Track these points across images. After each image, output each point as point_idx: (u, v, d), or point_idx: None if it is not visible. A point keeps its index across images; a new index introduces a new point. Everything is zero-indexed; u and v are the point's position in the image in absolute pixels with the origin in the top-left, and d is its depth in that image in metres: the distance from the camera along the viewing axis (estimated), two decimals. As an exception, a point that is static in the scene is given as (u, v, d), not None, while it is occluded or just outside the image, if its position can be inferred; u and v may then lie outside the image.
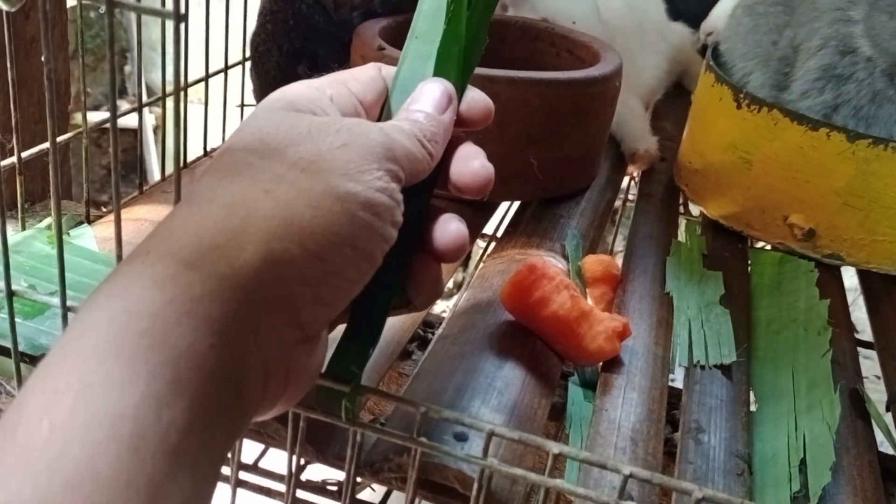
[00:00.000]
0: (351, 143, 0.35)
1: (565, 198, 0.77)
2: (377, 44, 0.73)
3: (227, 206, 0.32)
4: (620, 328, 0.55)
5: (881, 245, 0.70)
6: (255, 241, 0.31)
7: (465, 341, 0.54)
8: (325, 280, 0.33)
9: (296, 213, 0.32)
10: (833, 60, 0.69)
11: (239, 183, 0.34)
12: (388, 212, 0.36)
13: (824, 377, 0.55)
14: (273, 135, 0.36)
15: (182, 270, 0.30)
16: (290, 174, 0.34)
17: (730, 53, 0.79)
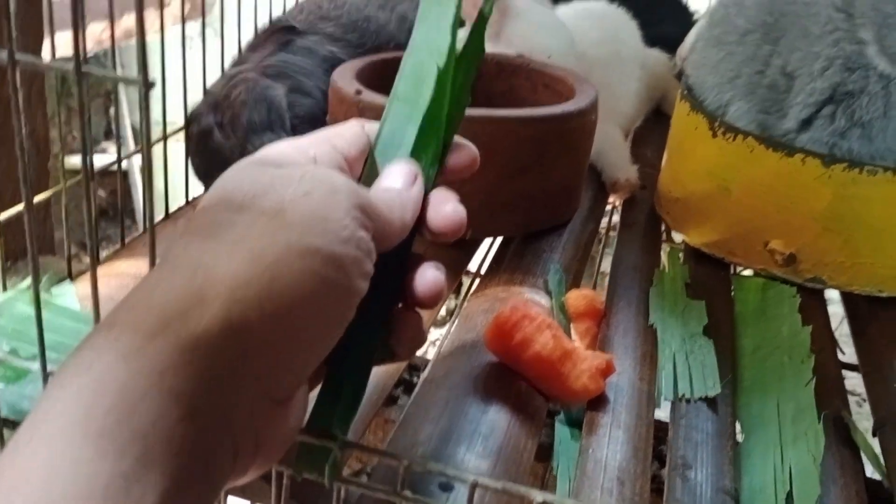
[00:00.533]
0: (313, 190, 0.35)
1: (548, 231, 0.77)
2: (354, 88, 0.73)
3: (190, 272, 0.32)
4: (604, 366, 0.55)
5: (863, 267, 0.71)
6: (214, 309, 0.31)
7: (449, 385, 0.54)
8: (290, 341, 0.33)
9: (254, 274, 0.32)
10: (842, 77, 0.69)
11: (203, 245, 0.34)
12: (354, 264, 0.35)
13: (809, 406, 0.55)
14: (237, 191, 0.35)
15: (146, 342, 0.30)
16: (252, 231, 0.33)
17: (700, 86, 0.80)
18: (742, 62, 0.75)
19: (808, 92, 0.70)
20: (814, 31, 0.70)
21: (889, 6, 0.66)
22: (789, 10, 0.73)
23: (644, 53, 1.15)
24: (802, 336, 0.64)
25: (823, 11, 0.70)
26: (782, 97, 0.73)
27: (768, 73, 0.73)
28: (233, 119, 0.72)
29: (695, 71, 0.81)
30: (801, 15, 0.71)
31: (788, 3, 0.73)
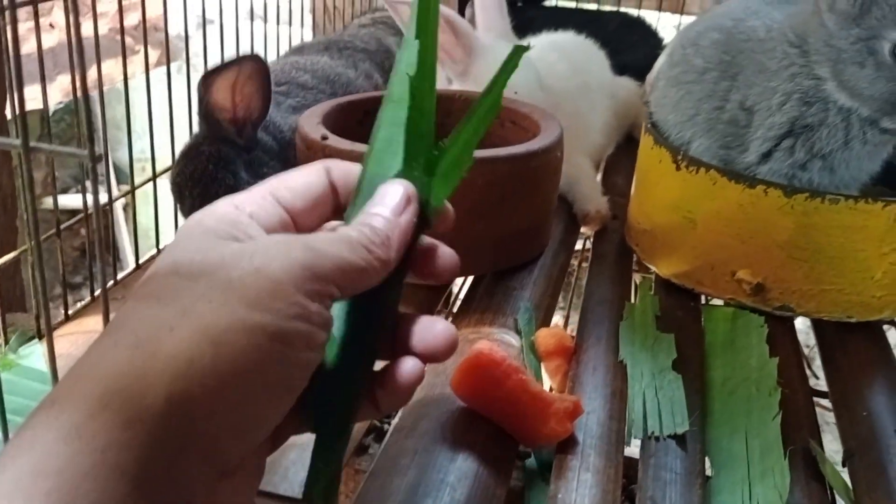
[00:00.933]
0: (264, 267, 0.35)
1: (518, 268, 0.77)
2: (320, 133, 0.74)
3: (132, 347, 0.32)
4: (571, 408, 0.55)
5: (829, 294, 0.71)
6: (158, 384, 0.31)
7: (419, 434, 0.54)
8: (235, 414, 0.33)
9: (199, 351, 0.32)
10: (800, 111, 0.70)
11: (149, 313, 0.34)
12: (302, 339, 0.35)
13: (775, 441, 0.56)
14: (187, 265, 0.35)
15: (87, 420, 0.30)
16: (198, 306, 0.33)
17: (663, 124, 0.81)
18: (701, 100, 0.76)
19: (768, 126, 0.71)
20: (770, 67, 0.71)
21: (841, 42, 0.68)
22: (745, 46, 0.74)
23: (613, 83, 1.16)
24: (769, 368, 0.64)
25: (779, 47, 0.71)
26: (742, 131, 0.74)
27: (727, 109, 0.74)
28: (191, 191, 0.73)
29: (657, 110, 0.82)
30: (757, 51, 0.72)
31: (744, 40, 0.74)
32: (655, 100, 0.83)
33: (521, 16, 1.34)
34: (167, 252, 0.37)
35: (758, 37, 0.73)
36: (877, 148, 0.72)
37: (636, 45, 1.33)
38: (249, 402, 0.33)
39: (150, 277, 0.36)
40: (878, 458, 0.58)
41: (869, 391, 0.66)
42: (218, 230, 0.38)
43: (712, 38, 0.77)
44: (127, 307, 0.35)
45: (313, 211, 0.42)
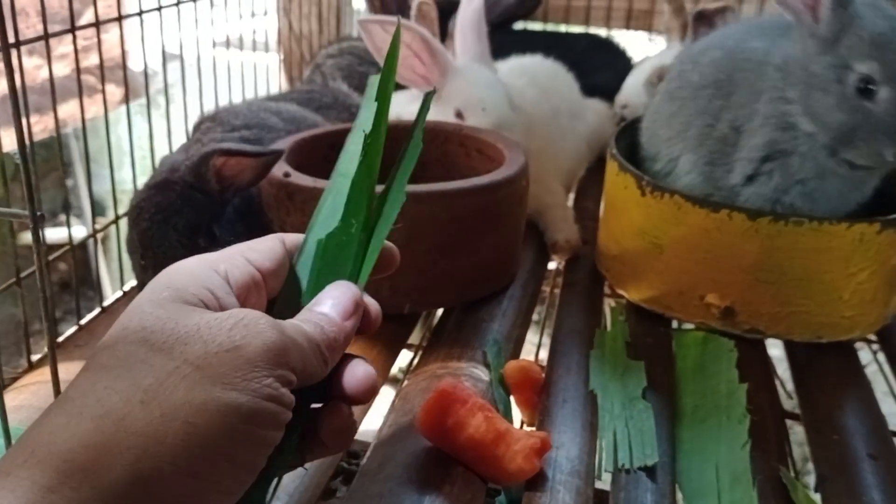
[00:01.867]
0: (242, 345, 0.35)
1: (487, 298, 0.77)
2: (283, 170, 0.73)
3: (97, 419, 0.31)
4: (539, 444, 0.54)
5: (797, 316, 0.71)
6: (124, 462, 0.30)
7: (385, 477, 0.53)
8: (198, 495, 0.32)
9: (170, 428, 0.31)
10: (774, 136, 0.71)
11: (114, 389, 0.33)
12: (272, 419, 0.35)
13: (744, 471, 0.55)
14: (158, 334, 0.34)
15: (44, 495, 0.29)
16: (170, 381, 0.33)
17: (653, 141, 0.81)
18: (693, 115, 0.77)
19: (749, 148, 0.72)
20: (760, 89, 0.72)
21: (815, 67, 0.68)
22: (743, 66, 0.74)
23: (583, 105, 1.16)
24: (739, 394, 0.64)
25: (769, 70, 0.72)
26: (730, 150, 0.74)
27: (718, 127, 0.75)
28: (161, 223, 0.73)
29: (650, 125, 0.82)
30: (753, 72, 0.73)
31: (743, 60, 0.74)
32: (647, 117, 0.83)
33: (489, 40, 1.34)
34: (136, 314, 0.36)
35: (756, 60, 0.73)
36: (857, 177, 0.72)
37: (605, 66, 1.34)
38: (214, 482, 0.33)
39: (116, 342, 0.35)
40: (851, 483, 0.58)
41: (840, 413, 0.66)
42: (186, 294, 0.37)
43: (713, 56, 0.77)
44: (90, 374, 0.34)
45: (278, 273, 0.43)
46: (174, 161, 0.76)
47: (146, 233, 0.73)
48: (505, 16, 1.41)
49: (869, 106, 0.65)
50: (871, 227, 0.68)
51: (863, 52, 0.65)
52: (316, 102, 0.96)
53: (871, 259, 0.69)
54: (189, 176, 0.73)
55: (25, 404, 0.62)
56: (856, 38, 0.66)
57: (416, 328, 0.80)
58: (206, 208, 0.74)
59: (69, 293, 2.44)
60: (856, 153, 0.68)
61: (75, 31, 0.73)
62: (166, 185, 0.74)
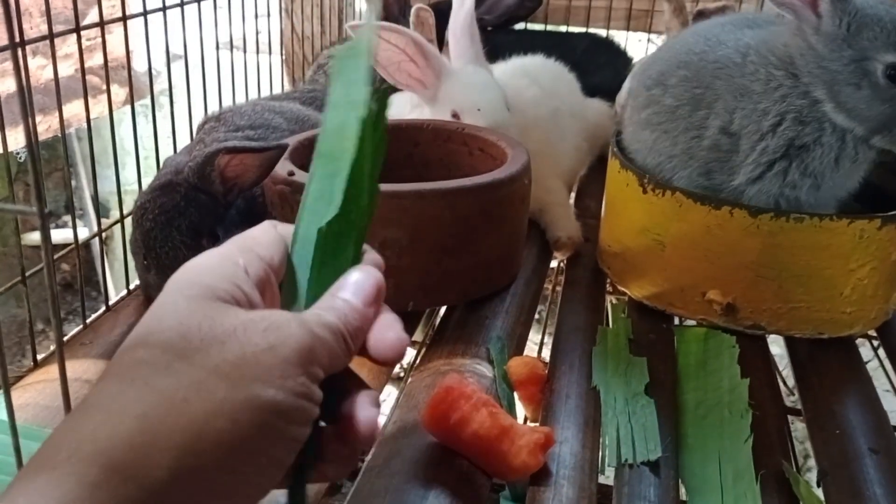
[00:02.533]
0: (277, 345, 0.35)
1: (490, 296, 0.77)
2: (287, 169, 0.74)
3: (139, 419, 0.31)
4: (543, 440, 0.55)
5: (799, 312, 0.72)
6: (168, 458, 0.31)
7: (390, 473, 0.54)
8: (234, 490, 0.33)
9: (212, 426, 0.32)
10: (796, 131, 0.71)
11: (153, 388, 0.33)
12: (304, 415, 0.36)
13: (747, 466, 0.56)
14: (195, 332, 0.35)
15: (91, 492, 0.29)
16: (211, 380, 0.33)
17: (643, 166, 0.80)
18: (677, 136, 0.75)
19: (761, 150, 0.71)
20: (755, 89, 0.71)
21: (834, 64, 0.68)
22: (720, 73, 0.73)
23: (584, 105, 1.17)
24: (741, 389, 0.65)
25: (762, 70, 0.71)
26: (725, 156, 0.73)
27: (707, 136, 0.74)
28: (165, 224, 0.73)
29: (635, 155, 0.81)
30: (736, 76, 0.72)
31: (718, 68, 0.73)
32: (629, 144, 0.82)
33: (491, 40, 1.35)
34: (170, 310, 0.36)
35: (733, 62, 0.73)
36: (860, 165, 0.73)
37: (606, 66, 1.34)
38: (250, 477, 0.34)
39: (144, 344, 0.35)
40: (853, 477, 0.58)
41: (842, 408, 0.66)
42: (217, 290, 0.37)
43: (680, 75, 0.76)
44: (128, 370, 0.34)
45: (282, 268, 0.43)
46: (178, 162, 0.76)
47: (149, 233, 0.73)
48: (506, 16, 1.42)
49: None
50: (871, 224, 0.68)
51: (886, 42, 0.66)
52: (319, 101, 0.97)
53: (871, 255, 0.69)
54: (193, 177, 0.73)
55: (31, 402, 0.63)
56: (876, 30, 0.67)
57: (420, 325, 0.81)
58: (210, 210, 0.74)
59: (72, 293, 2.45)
60: (890, 140, 0.69)
61: (80, 31, 0.73)
62: (170, 186, 0.74)
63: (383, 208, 0.67)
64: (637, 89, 0.82)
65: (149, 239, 0.73)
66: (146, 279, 0.76)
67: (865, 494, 0.56)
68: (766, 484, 0.56)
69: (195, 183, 0.73)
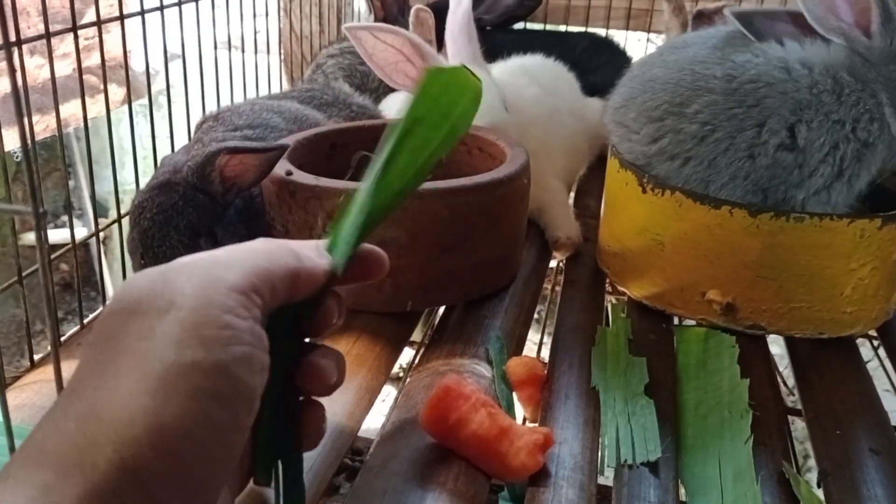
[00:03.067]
0: (191, 290, 0.33)
1: (489, 296, 0.77)
2: (285, 169, 0.74)
3: (80, 419, 0.31)
4: (542, 440, 0.55)
5: (799, 311, 0.71)
6: (108, 453, 0.30)
7: (389, 474, 0.54)
8: (191, 464, 0.32)
9: (140, 407, 0.31)
10: (868, 132, 0.71)
11: (95, 370, 0.33)
12: (243, 365, 0.33)
13: (747, 466, 0.56)
14: (127, 296, 0.34)
15: (43, 493, 0.29)
16: (134, 349, 0.32)
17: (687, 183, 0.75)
18: (715, 159, 0.73)
19: (834, 159, 0.70)
20: (825, 101, 0.70)
21: (893, 74, 0.71)
22: (765, 93, 0.71)
23: (583, 104, 1.17)
24: (741, 389, 0.64)
25: (829, 81, 0.71)
26: (786, 172, 0.71)
27: (764, 153, 0.71)
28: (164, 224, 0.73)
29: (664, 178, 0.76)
30: (791, 91, 0.70)
31: (758, 87, 0.71)
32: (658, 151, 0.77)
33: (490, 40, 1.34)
34: (117, 291, 0.36)
35: (779, 79, 0.71)
36: None
37: (605, 65, 1.34)
38: (202, 447, 0.32)
39: (99, 320, 0.35)
40: (853, 478, 0.58)
41: (842, 408, 0.66)
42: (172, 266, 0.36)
43: (705, 100, 0.73)
44: (80, 364, 0.34)
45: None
46: (176, 161, 0.76)
47: (147, 232, 0.73)
48: (505, 16, 1.41)
49: None
50: (872, 223, 0.68)
51: None
52: (317, 100, 0.97)
53: (872, 255, 0.69)
54: (192, 177, 0.73)
55: (27, 403, 0.62)
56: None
57: (418, 326, 0.81)
58: (208, 210, 0.74)
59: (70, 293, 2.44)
60: None
61: (77, 30, 0.73)
62: (168, 185, 0.74)
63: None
64: (632, 126, 0.78)
65: (146, 238, 0.73)
66: None
67: (866, 495, 0.56)
68: (767, 485, 0.55)
69: (194, 182, 0.73)
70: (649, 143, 0.76)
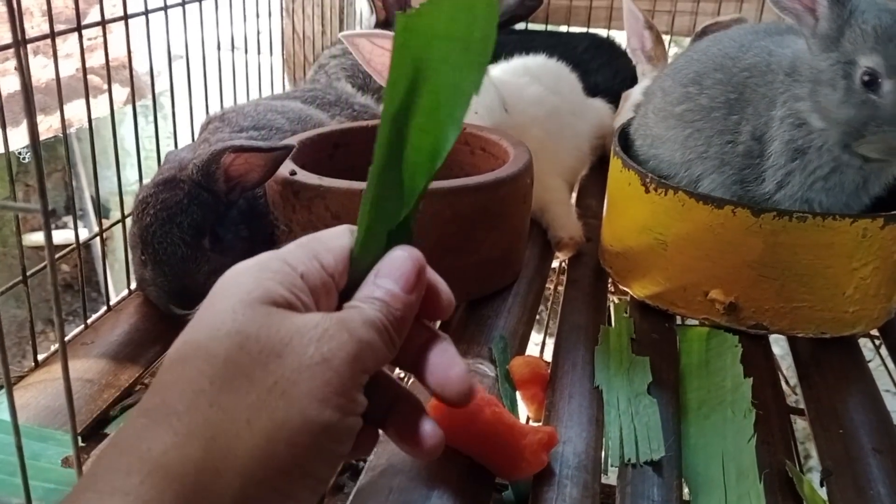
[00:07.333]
0: (332, 357, 0.35)
1: (492, 296, 0.77)
2: (289, 168, 0.74)
3: (208, 440, 0.32)
4: (546, 439, 0.55)
5: (801, 311, 0.72)
6: (235, 486, 0.31)
7: (393, 472, 0.54)
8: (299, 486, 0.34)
9: (273, 450, 0.33)
10: (791, 135, 0.71)
11: (219, 406, 0.33)
12: (350, 435, 0.36)
13: (751, 465, 0.56)
14: (254, 342, 0.35)
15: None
16: (272, 398, 0.34)
17: (667, 163, 0.79)
18: (711, 136, 0.75)
19: (775, 154, 0.71)
20: (772, 97, 0.72)
21: (821, 64, 0.68)
22: (749, 82, 0.74)
23: (585, 105, 1.17)
24: (744, 389, 0.64)
25: (777, 78, 0.72)
26: (757, 162, 0.73)
27: (741, 141, 0.74)
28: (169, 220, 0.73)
29: (654, 149, 0.81)
30: (761, 85, 0.73)
31: (747, 77, 0.74)
32: (656, 137, 0.81)
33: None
34: (229, 315, 0.35)
35: (759, 70, 0.73)
36: (876, 172, 0.72)
37: (606, 66, 1.34)
38: (303, 495, 0.35)
39: (211, 347, 0.35)
40: (856, 477, 0.58)
41: (844, 407, 0.66)
42: (274, 295, 0.37)
43: (715, 77, 0.76)
44: (191, 383, 0.34)
45: (345, 272, 0.41)
46: (182, 158, 0.76)
47: (148, 229, 0.73)
48: (506, 16, 1.42)
49: (875, 99, 0.65)
50: (874, 223, 0.68)
51: (866, 46, 0.66)
52: (320, 100, 0.97)
53: (874, 254, 0.69)
54: (197, 174, 0.73)
55: (32, 402, 0.63)
56: (858, 33, 0.66)
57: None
58: (212, 208, 0.74)
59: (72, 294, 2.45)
60: (868, 147, 0.68)
61: (81, 30, 0.73)
62: (173, 182, 0.74)
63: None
64: (672, 85, 0.81)
65: (147, 234, 0.73)
66: (142, 275, 0.75)
67: (869, 494, 0.56)
68: (770, 483, 0.56)
69: (199, 180, 0.73)
70: (678, 105, 0.78)
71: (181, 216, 0.72)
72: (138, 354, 0.71)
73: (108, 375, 0.67)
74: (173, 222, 0.72)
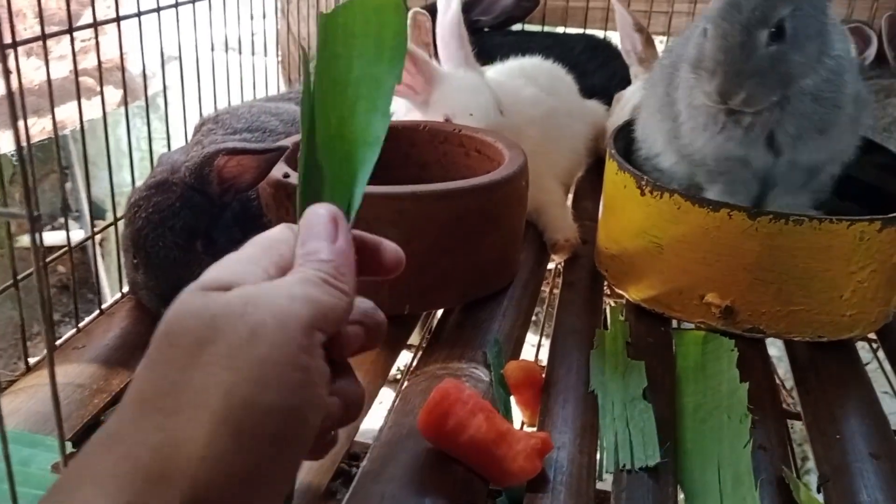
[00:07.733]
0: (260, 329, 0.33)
1: (488, 299, 0.77)
2: (282, 171, 0.73)
3: (154, 448, 0.31)
4: (540, 445, 0.54)
5: (798, 314, 0.71)
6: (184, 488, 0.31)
7: (386, 479, 0.53)
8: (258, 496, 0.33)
9: (219, 449, 0.31)
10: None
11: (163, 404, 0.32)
12: (311, 407, 0.34)
13: (746, 471, 0.55)
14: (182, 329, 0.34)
15: None
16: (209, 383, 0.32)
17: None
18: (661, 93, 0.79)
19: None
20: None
21: None
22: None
23: (581, 106, 1.16)
24: (740, 393, 0.64)
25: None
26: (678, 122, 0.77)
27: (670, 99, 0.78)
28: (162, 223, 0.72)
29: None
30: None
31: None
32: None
33: (488, 41, 1.34)
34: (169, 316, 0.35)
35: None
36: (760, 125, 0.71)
37: (603, 67, 1.34)
38: (266, 488, 0.33)
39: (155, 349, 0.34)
40: (853, 482, 0.58)
41: (842, 412, 0.66)
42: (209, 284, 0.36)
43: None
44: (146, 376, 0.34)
45: None
46: (174, 161, 0.75)
47: (140, 232, 0.72)
48: (502, 17, 1.41)
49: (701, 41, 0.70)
50: (871, 226, 0.68)
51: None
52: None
53: (871, 257, 0.69)
54: (190, 177, 0.72)
55: (21, 407, 0.62)
56: None
57: (416, 329, 0.80)
58: (205, 211, 0.73)
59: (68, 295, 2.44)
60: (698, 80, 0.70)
61: (73, 32, 0.73)
62: (165, 184, 0.73)
63: (380, 209, 0.67)
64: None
65: (139, 238, 0.72)
66: (134, 278, 0.75)
67: (866, 499, 0.56)
68: (766, 489, 0.55)
69: (191, 183, 0.73)
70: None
71: (174, 219, 0.71)
72: (130, 359, 0.70)
73: (99, 380, 0.66)
74: (166, 226, 0.71)
